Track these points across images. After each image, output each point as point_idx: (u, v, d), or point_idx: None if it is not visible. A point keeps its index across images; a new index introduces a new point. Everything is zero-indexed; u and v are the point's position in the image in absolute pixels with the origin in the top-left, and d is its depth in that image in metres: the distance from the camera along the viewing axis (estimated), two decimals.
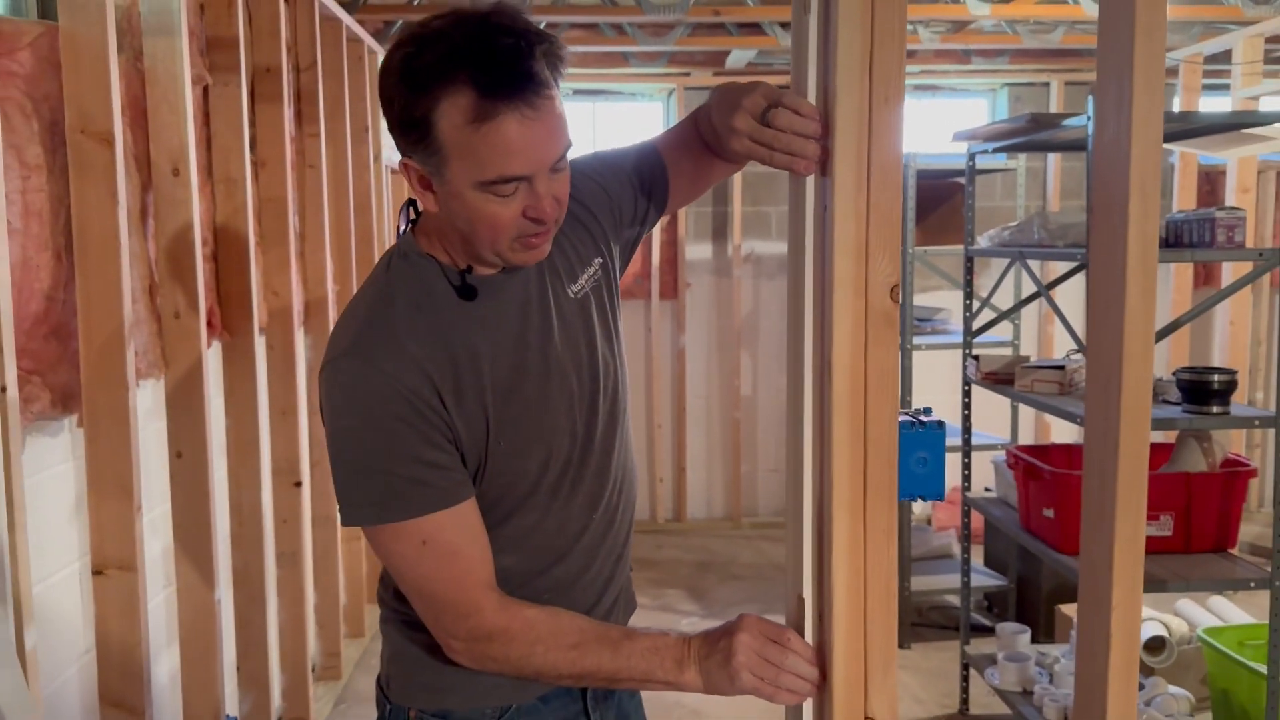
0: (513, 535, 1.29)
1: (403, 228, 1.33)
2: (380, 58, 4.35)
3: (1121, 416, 1.12)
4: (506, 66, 1.11)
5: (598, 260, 1.39)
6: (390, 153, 4.71)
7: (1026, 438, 5.30)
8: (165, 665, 2.47)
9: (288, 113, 3.10)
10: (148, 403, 2.34)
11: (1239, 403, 2.61)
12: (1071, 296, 5.31)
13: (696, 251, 5.57)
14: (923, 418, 1.72)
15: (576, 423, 1.31)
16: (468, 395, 1.22)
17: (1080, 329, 2.74)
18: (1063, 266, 4.27)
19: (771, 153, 1.15)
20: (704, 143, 1.46)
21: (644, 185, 1.45)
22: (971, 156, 3.31)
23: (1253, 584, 2.52)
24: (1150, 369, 1.14)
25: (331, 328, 3.51)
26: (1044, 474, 2.74)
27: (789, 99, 1.14)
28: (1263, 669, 2.72)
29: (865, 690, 1.18)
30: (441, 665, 1.32)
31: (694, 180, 1.50)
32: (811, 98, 1.16)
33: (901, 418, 1.64)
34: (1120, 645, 1.18)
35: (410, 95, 1.13)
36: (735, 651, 1.17)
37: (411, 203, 1.34)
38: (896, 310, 1.15)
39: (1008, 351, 4.05)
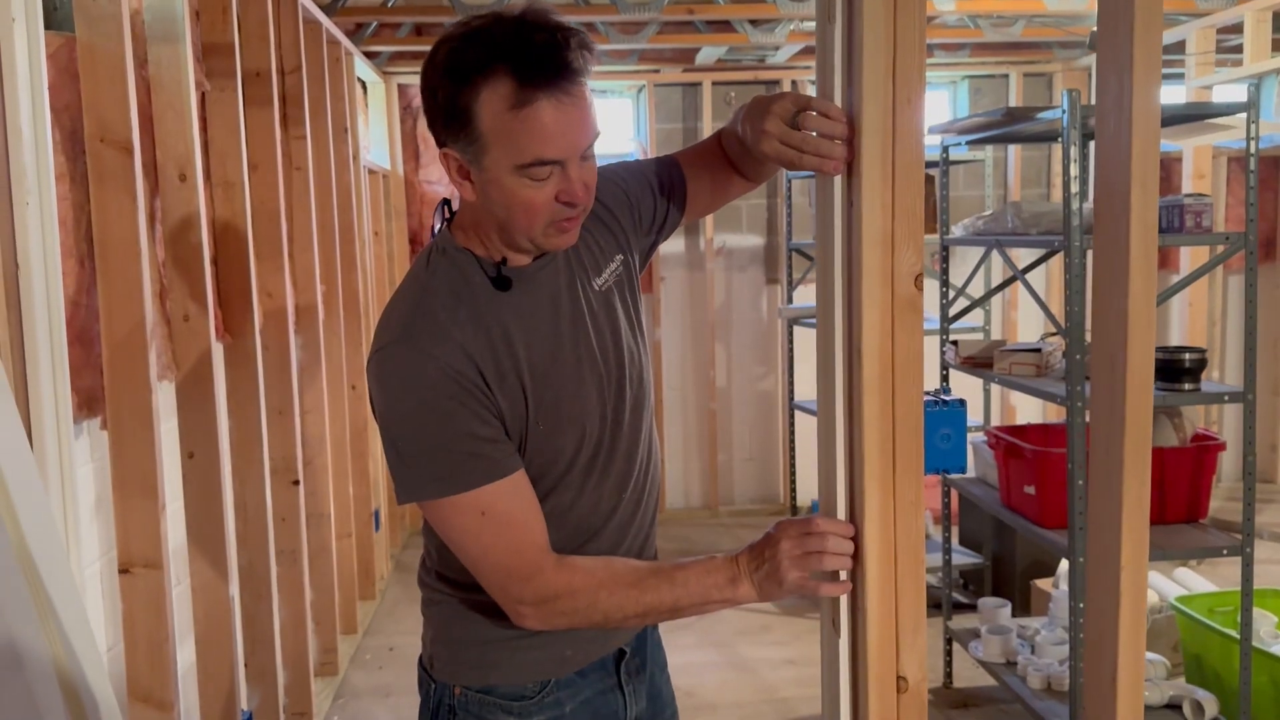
0: (551, 513, 1.36)
1: (438, 226, 1.41)
2: (357, 59, 4.39)
3: (1127, 389, 1.21)
4: (543, 58, 1.19)
5: (619, 257, 1.47)
6: (367, 153, 4.74)
7: (994, 419, 5.44)
8: (179, 660, 2.51)
9: (275, 116, 3.14)
10: (159, 404, 2.38)
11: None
12: (1037, 282, 5.46)
13: (670, 245, 5.66)
14: (945, 397, 1.80)
15: (606, 405, 1.39)
16: (508, 377, 1.29)
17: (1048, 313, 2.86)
18: (1027, 254, 4.40)
19: (801, 155, 1.23)
20: (726, 158, 1.55)
21: (664, 192, 1.54)
22: (945, 149, 3.42)
23: (1225, 551, 2.65)
24: (1152, 343, 1.23)
25: (320, 327, 3.57)
26: (1025, 453, 2.85)
27: (817, 103, 1.22)
28: (1234, 634, 2.86)
29: (897, 651, 1.26)
30: (484, 644, 1.40)
31: (713, 192, 1.59)
32: (835, 101, 1.24)
33: (925, 397, 1.74)
34: (1129, 602, 1.27)
35: (454, 86, 1.21)
36: (779, 557, 1.24)
37: (446, 202, 1.41)
38: (921, 297, 1.23)
39: (979, 336, 4.18)
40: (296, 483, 3.21)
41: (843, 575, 1.25)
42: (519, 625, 1.31)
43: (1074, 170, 2.51)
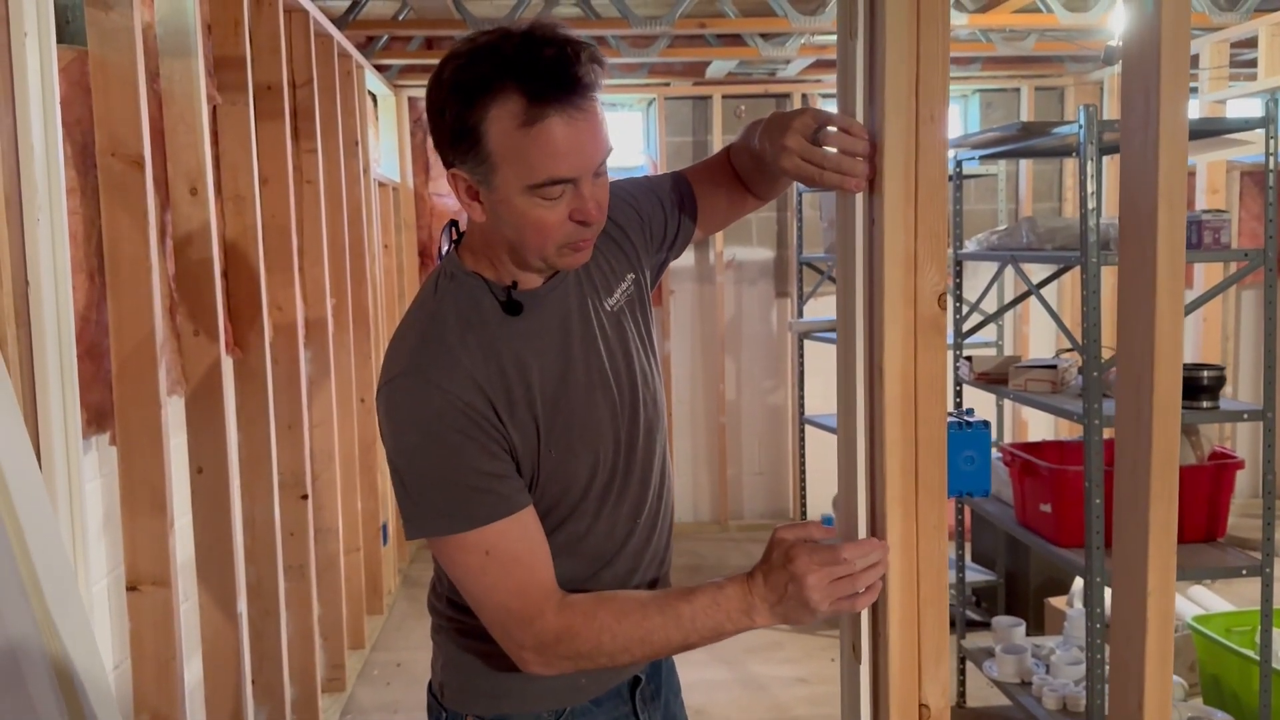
0: (565, 542, 1.33)
1: (445, 249, 1.37)
2: (368, 72, 4.39)
3: (1154, 409, 1.18)
4: (553, 73, 1.16)
5: (630, 276, 1.44)
6: (377, 166, 4.74)
7: (1006, 435, 5.41)
8: (185, 678, 2.49)
9: (287, 129, 3.14)
10: (168, 419, 2.37)
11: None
12: (1049, 297, 5.43)
13: (679, 258, 5.60)
14: (968, 419, 1.78)
15: (620, 430, 1.36)
16: (519, 406, 1.26)
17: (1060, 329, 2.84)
18: (1040, 269, 4.37)
19: (822, 171, 1.21)
20: (736, 174, 1.53)
21: (675, 210, 1.51)
22: (959, 163, 3.40)
23: (1244, 571, 2.61)
24: (1179, 365, 1.21)
25: (330, 341, 3.55)
26: (1041, 470, 2.82)
27: (839, 119, 1.20)
28: (1252, 654, 2.82)
29: (919, 679, 1.24)
30: (496, 671, 1.36)
31: (728, 208, 1.57)
32: (857, 118, 1.22)
33: (948, 419, 1.71)
34: (1156, 630, 1.25)
35: (462, 104, 1.18)
36: (807, 591, 1.17)
37: (453, 224, 1.38)
38: (944, 317, 1.21)
39: (992, 352, 4.15)
40: (305, 497, 3.19)
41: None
42: (524, 670, 1.26)
43: (1090, 186, 2.49)
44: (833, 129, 1.20)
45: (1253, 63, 4.58)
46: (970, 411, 1.77)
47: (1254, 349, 5.86)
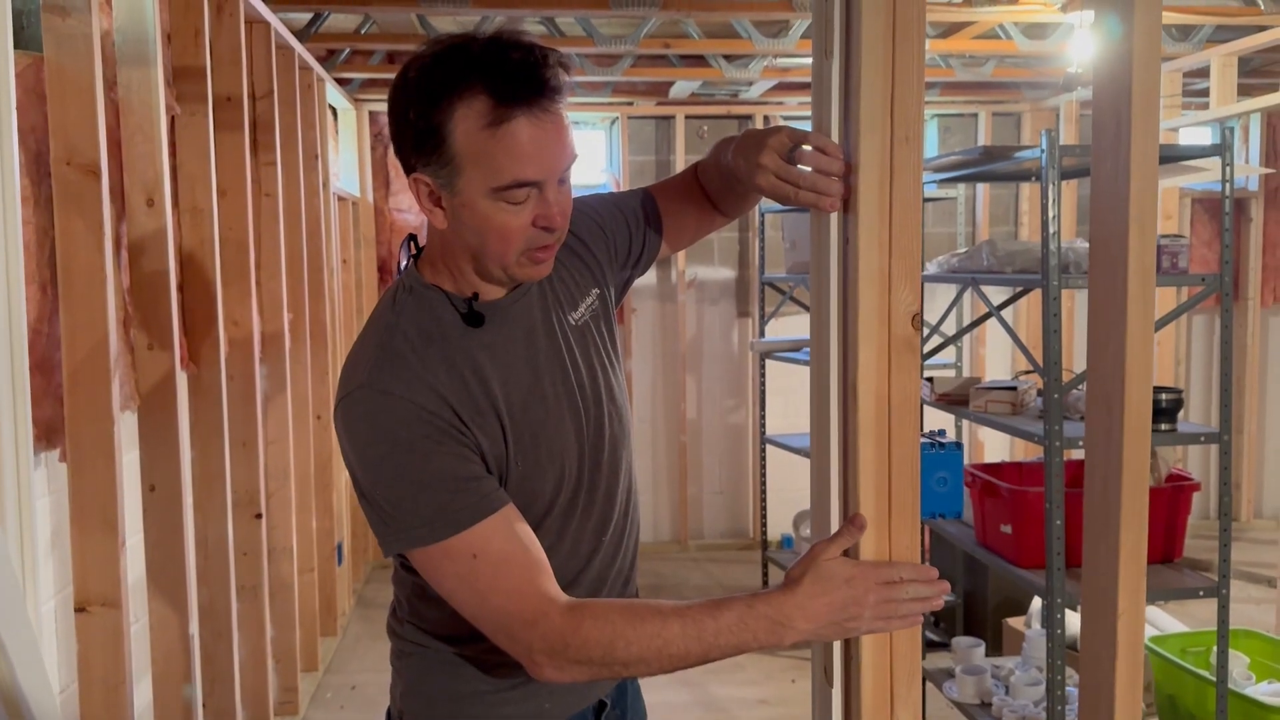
0: None
1: (404, 263, 1.35)
2: (328, 85, 4.35)
3: (1125, 431, 1.19)
4: (520, 74, 1.15)
5: (595, 291, 1.43)
6: (336, 180, 4.69)
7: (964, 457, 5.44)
8: (135, 702, 2.42)
9: (246, 141, 3.09)
10: (120, 435, 2.31)
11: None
12: (1006, 320, 5.48)
13: (641, 277, 5.61)
14: (940, 439, 1.78)
15: (585, 444, 1.34)
16: (486, 415, 1.23)
17: (1018, 350, 2.86)
18: (996, 291, 4.41)
19: (798, 190, 1.20)
20: (703, 191, 1.52)
21: (641, 226, 1.50)
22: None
23: (1201, 593, 2.63)
24: (1150, 385, 1.21)
25: (286, 357, 3.49)
26: (1001, 491, 2.83)
27: (815, 139, 1.20)
28: (1208, 675, 2.85)
29: (891, 702, 1.23)
30: (459, 698, 1.34)
31: (695, 226, 1.56)
32: (832, 138, 1.22)
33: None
34: (1126, 652, 1.25)
35: (427, 104, 1.16)
36: (863, 612, 1.15)
37: (412, 238, 1.36)
38: (918, 337, 1.21)
39: (951, 373, 4.18)
40: (259, 516, 3.13)
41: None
42: (537, 678, 1.19)
43: (1052, 210, 2.51)
44: (808, 148, 1.20)
45: (1203, 92, 4.67)
46: (942, 433, 1.77)
47: (1204, 373, 5.96)
